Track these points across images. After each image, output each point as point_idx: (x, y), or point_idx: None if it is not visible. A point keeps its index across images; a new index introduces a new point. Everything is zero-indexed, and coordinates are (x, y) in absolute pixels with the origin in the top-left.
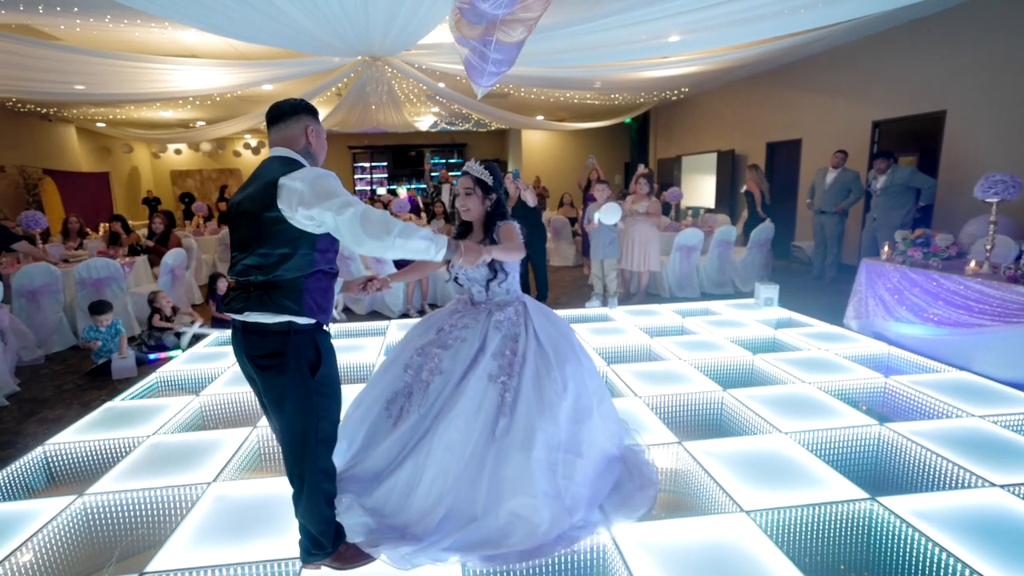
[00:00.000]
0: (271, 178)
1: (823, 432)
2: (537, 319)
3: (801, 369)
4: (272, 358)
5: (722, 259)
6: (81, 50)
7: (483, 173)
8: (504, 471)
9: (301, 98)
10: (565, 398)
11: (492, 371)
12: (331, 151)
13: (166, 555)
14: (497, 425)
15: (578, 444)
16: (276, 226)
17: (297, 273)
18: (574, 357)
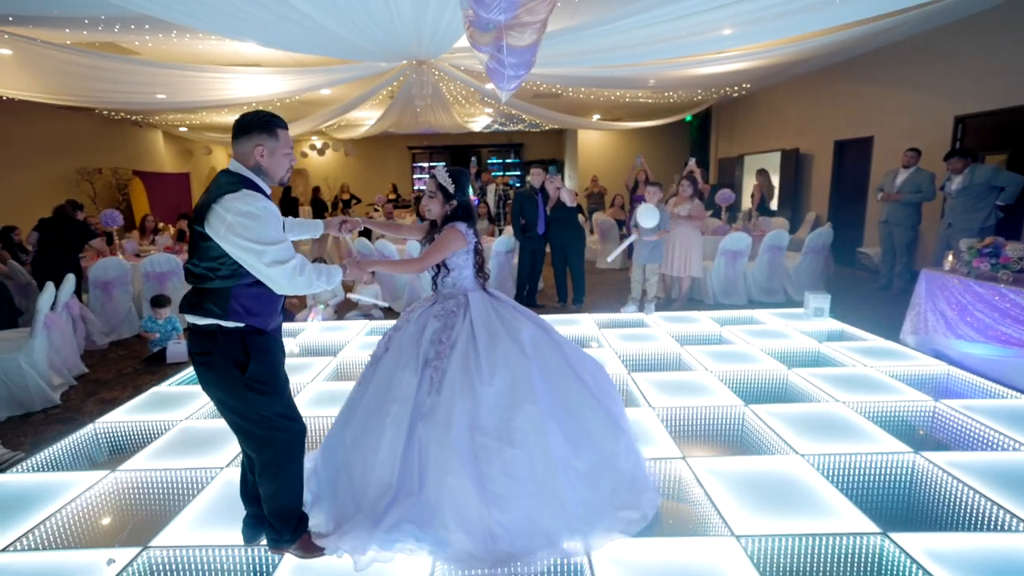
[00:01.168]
0: (212, 196)
1: (845, 457)
2: (477, 310)
3: (839, 387)
4: (203, 356)
5: (772, 265)
6: (158, 63)
7: (446, 180)
8: (429, 447)
9: (264, 112)
10: (492, 383)
11: (429, 356)
12: (391, 151)
13: (170, 532)
14: (426, 403)
15: (510, 433)
16: (203, 241)
17: (224, 283)
18: (514, 345)
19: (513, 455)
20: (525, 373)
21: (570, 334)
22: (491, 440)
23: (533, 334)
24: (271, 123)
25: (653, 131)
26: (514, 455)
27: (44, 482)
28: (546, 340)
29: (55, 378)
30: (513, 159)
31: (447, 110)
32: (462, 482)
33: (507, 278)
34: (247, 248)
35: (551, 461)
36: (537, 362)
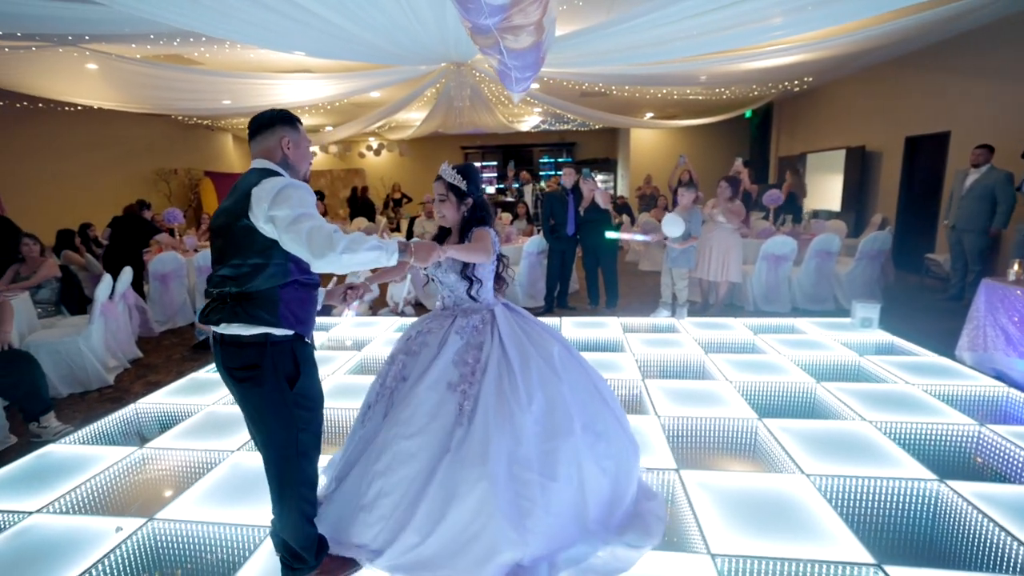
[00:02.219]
0: (246, 189)
1: (855, 480)
2: (505, 327)
3: (871, 405)
4: (248, 370)
5: (820, 271)
6: (219, 72)
7: (455, 178)
8: (457, 485)
9: (282, 109)
10: (530, 410)
11: (452, 379)
12: (444, 151)
13: (176, 506)
14: (453, 436)
15: (552, 465)
16: (248, 236)
17: (271, 283)
18: (546, 366)
19: (556, 489)
20: (560, 396)
21: (596, 337)
22: (533, 475)
23: (560, 352)
24: (291, 117)
25: (710, 129)
26: (557, 489)
27: (82, 454)
28: (571, 359)
29: (111, 360)
30: (565, 158)
31: (490, 111)
32: (499, 525)
33: (538, 279)
34: (292, 216)
35: (584, 490)
36: (568, 384)
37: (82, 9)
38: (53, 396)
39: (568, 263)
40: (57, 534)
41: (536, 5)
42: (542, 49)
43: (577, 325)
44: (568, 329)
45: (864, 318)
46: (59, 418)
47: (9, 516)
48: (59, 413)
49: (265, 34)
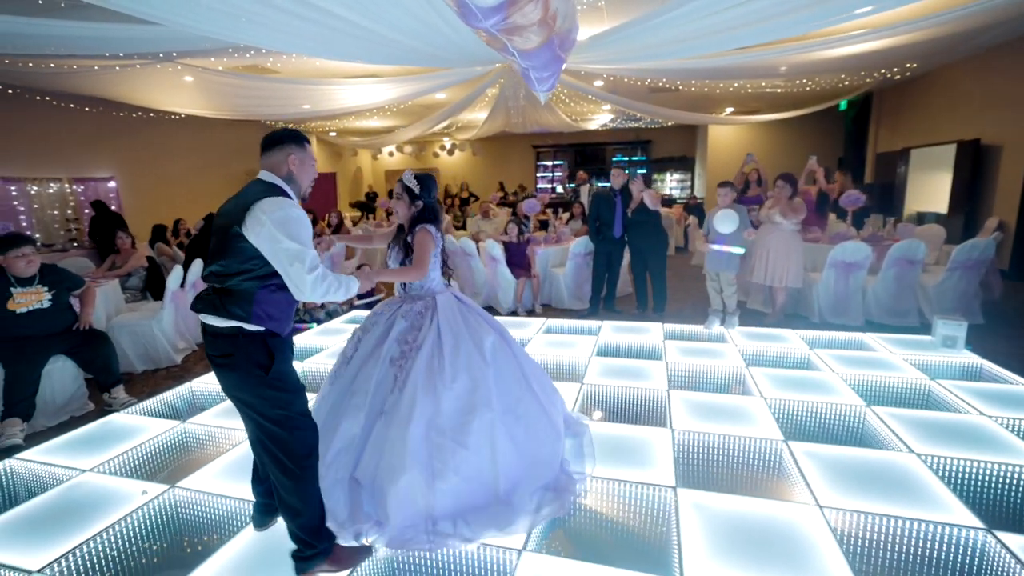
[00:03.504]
0: (249, 199)
1: (880, 519)
2: (445, 313)
3: (925, 435)
4: (224, 357)
5: (901, 282)
6: (294, 80)
7: (412, 182)
8: (386, 443)
9: (293, 128)
10: (452, 387)
11: (394, 355)
12: (516, 150)
13: (196, 476)
14: (387, 400)
15: (465, 435)
16: (237, 243)
17: (250, 286)
18: (476, 352)
19: (465, 456)
20: (484, 379)
21: (633, 343)
22: (447, 440)
23: (494, 342)
24: (301, 136)
25: (798, 123)
26: (466, 456)
27: (136, 424)
28: (505, 348)
29: (180, 342)
30: (639, 157)
31: (550, 109)
32: (413, 478)
33: (585, 280)
34: (286, 250)
35: (495, 461)
36: (495, 369)
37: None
38: (130, 371)
39: (615, 265)
40: (99, 491)
41: (534, 5)
42: (555, 48)
43: (617, 330)
44: (607, 334)
45: (946, 337)
46: (129, 391)
47: (69, 471)
48: (131, 387)
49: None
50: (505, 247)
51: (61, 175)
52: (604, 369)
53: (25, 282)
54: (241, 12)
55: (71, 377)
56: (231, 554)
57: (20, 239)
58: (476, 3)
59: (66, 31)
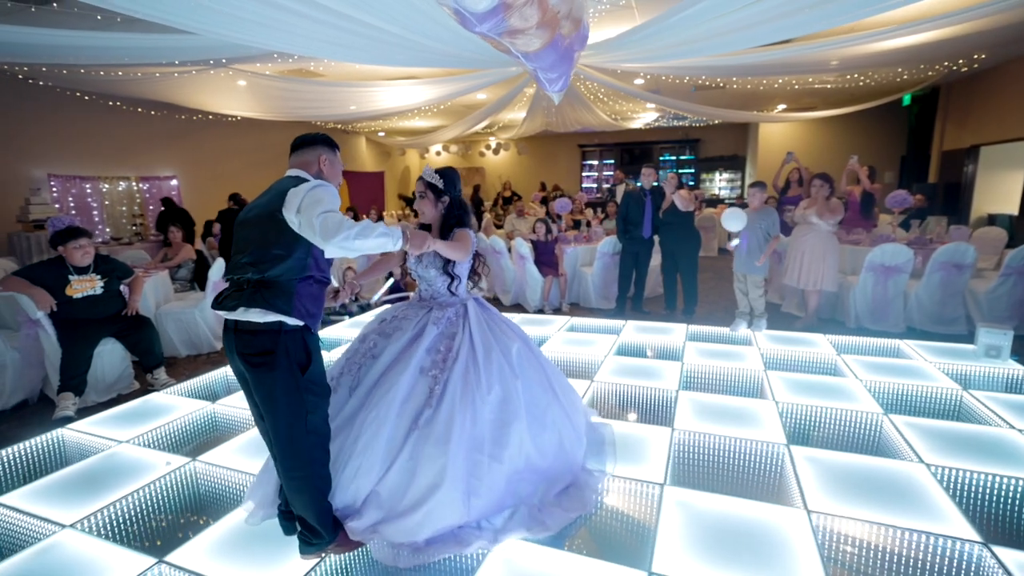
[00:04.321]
0: (284, 187)
1: (870, 527)
2: (475, 322)
3: (941, 446)
4: (262, 356)
5: (947, 287)
6: (338, 83)
7: (434, 177)
8: (420, 459)
9: (323, 133)
10: (488, 399)
11: (425, 365)
12: (562, 149)
13: (215, 452)
14: (422, 415)
15: (501, 449)
16: (277, 227)
17: (290, 276)
18: (505, 362)
19: (499, 470)
20: (515, 390)
21: (655, 343)
22: (484, 457)
23: (520, 349)
24: (332, 141)
25: (856, 119)
26: (500, 469)
27: (172, 403)
28: (530, 356)
29: (220, 330)
30: (688, 156)
31: (588, 108)
32: (452, 497)
33: (613, 281)
34: (310, 207)
35: (526, 471)
36: (523, 379)
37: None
38: (174, 356)
39: (643, 265)
40: (130, 461)
41: (531, 7)
42: (561, 49)
43: (639, 330)
44: (628, 333)
45: (990, 346)
46: (171, 374)
47: (108, 442)
48: (174, 370)
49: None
50: (533, 246)
51: (129, 174)
52: (618, 368)
53: (81, 270)
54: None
55: (119, 358)
56: (236, 521)
57: (78, 232)
58: (467, 9)
59: (121, 42)
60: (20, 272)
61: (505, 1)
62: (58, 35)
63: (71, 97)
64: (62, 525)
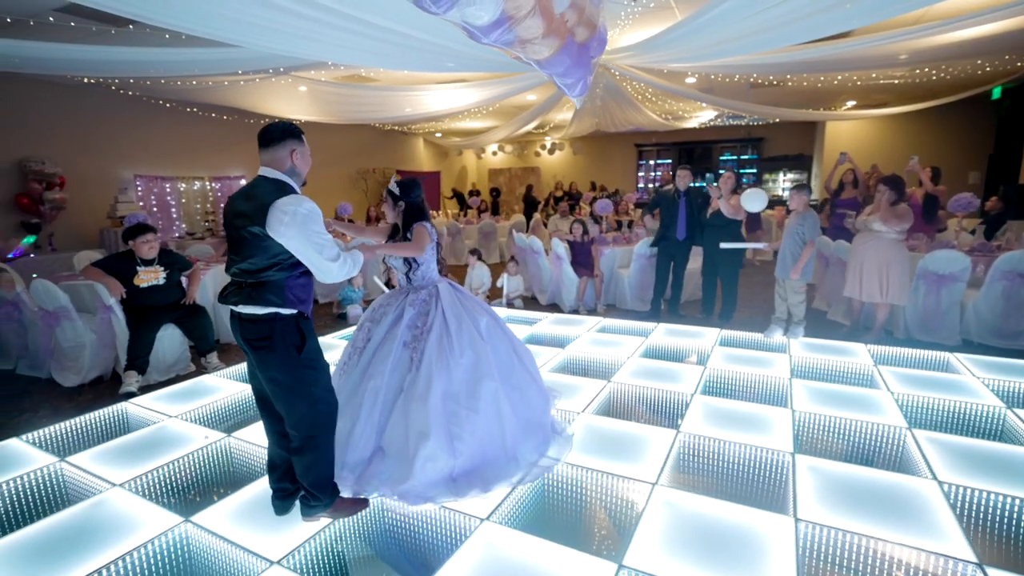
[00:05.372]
0: (264, 201)
1: (855, 538)
2: (447, 299)
3: (961, 464)
4: (262, 340)
5: (1011, 298)
6: (390, 87)
7: (392, 186)
8: (409, 416)
9: (289, 122)
10: (461, 361)
11: (407, 339)
12: (618, 149)
13: (249, 430)
14: (406, 380)
15: (476, 401)
16: (261, 242)
17: (280, 276)
18: (474, 331)
19: (476, 419)
20: (484, 353)
21: (683, 347)
22: (461, 407)
23: (488, 322)
24: (298, 130)
25: (937, 115)
26: (477, 419)
27: (219, 385)
28: (497, 328)
29: None
30: (751, 155)
31: (636, 108)
32: (438, 442)
33: (648, 283)
34: (309, 244)
35: (502, 423)
36: (491, 345)
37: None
38: (228, 343)
39: (679, 267)
40: (175, 433)
41: (534, 19)
42: (573, 56)
43: (670, 333)
44: (658, 336)
45: None
46: (223, 359)
47: (160, 416)
48: (226, 355)
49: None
50: (570, 246)
51: (203, 174)
52: (639, 369)
53: (147, 262)
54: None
55: (178, 343)
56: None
57: (145, 228)
58: (470, 23)
59: (186, 56)
60: (97, 263)
61: (507, 14)
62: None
63: (154, 105)
64: (113, 484)
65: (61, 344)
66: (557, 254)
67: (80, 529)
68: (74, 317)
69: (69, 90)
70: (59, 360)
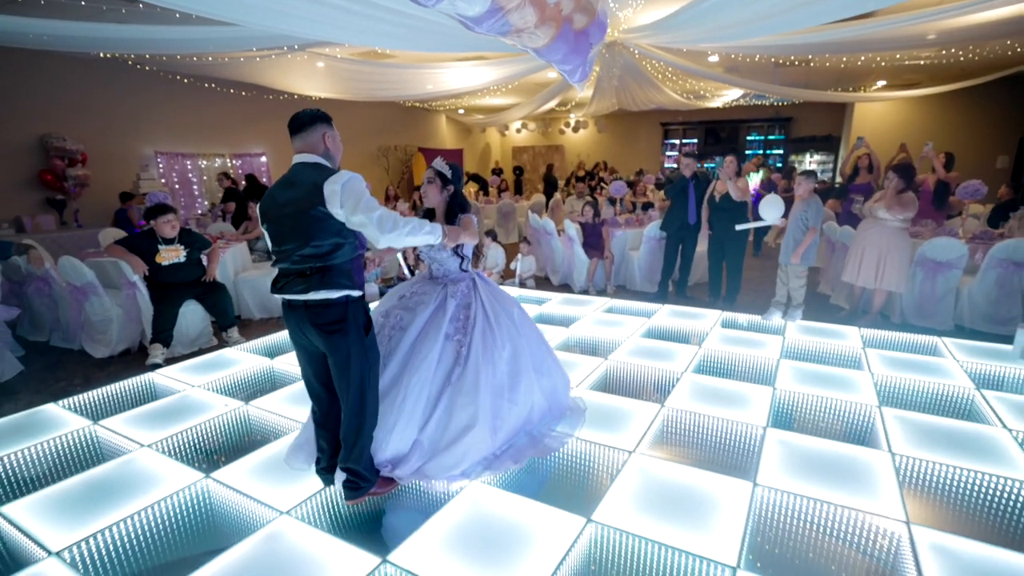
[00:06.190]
0: (313, 182)
1: (802, 500)
2: (484, 293)
3: (919, 441)
4: (337, 323)
5: (1004, 286)
6: (409, 65)
7: (443, 167)
8: (454, 411)
9: (318, 108)
10: (503, 354)
11: (449, 332)
12: (643, 127)
13: (267, 399)
14: (453, 373)
15: (515, 393)
16: (324, 222)
17: (347, 258)
18: (511, 323)
19: (514, 410)
20: (520, 346)
21: (683, 328)
22: (504, 401)
23: (519, 313)
24: (327, 115)
25: (969, 96)
26: (514, 410)
27: (238, 358)
28: (525, 318)
29: None
30: (778, 135)
31: (656, 87)
32: (482, 434)
33: (658, 266)
34: (357, 202)
35: (532, 409)
36: (525, 336)
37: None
38: (249, 318)
39: (688, 251)
40: (197, 402)
41: (526, 8)
42: (571, 43)
43: (672, 314)
44: (661, 317)
45: None
46: (244, 334)
47: (184, 386)
48: (247, 330)
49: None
50: (581, 228)
51: (224, 151)
52: (637, 349)
53: (168, 241)
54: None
55: (200, 318)
56: (271, 454)
57: (166, 208)
58: (461, 14)
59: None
60: (120, 241)
61: (498, 4)
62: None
63: (173, 81)
64: (141, 444)
65: (91, 318)
66: (569, 235)
67: (113, 483)
68: (101, 292)
69: (87, 66)
70: (89, 333)
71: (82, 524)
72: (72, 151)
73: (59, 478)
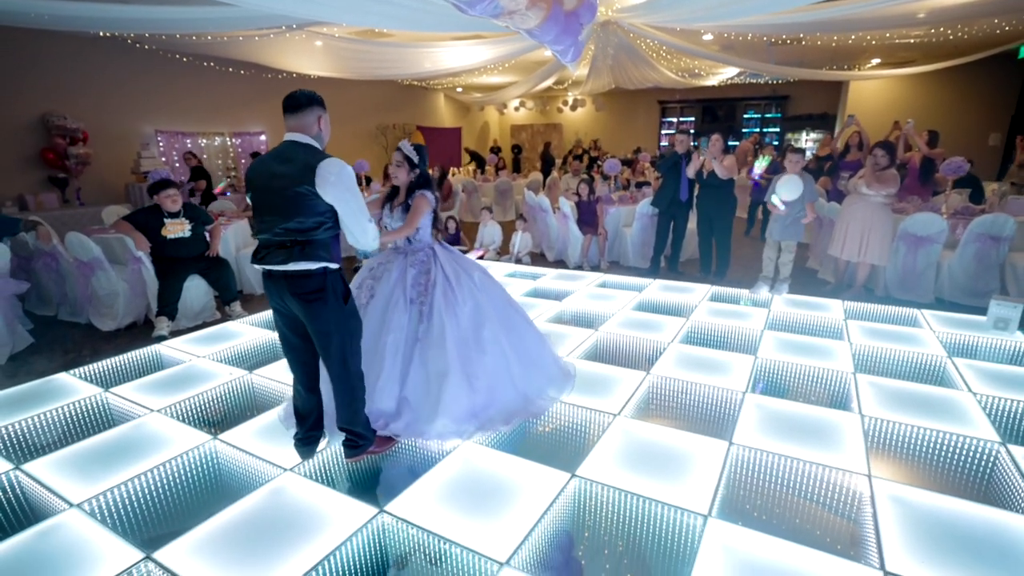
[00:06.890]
0: (306, 162)
1: (768, 456)
2: (444, 258)
3: (888, 403)
4: (316, 293)
5: (983, 260)
6: (405, 44)
7: (411, 151)
8: (428, 361)
9: (314, 91)
10: (464, 309)
11: (412, 296)
12: (641, 105)
13: (270, 368)
14: (419, 329)
15: (482, 343)
16: (311, 200)
17: (327, 234)
18: (471, 283)
19: (485, 360)
20: (482, 302)
21: (672, 301)
22: (471, 350)
23: (480, 276)
24: (322, 99)
25: (962, 73)
26: (485, 360)
27: (242, 331)
28: (488, 280)
29: None
30: (774, 113)
31: (650, 66)
32: (458, 381)
33: (650, 241)
34: (351, 201)
35: (507, 362)
36: (486, 295)
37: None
38: (252, 293)
39: (680, 228)
40: (203, 371)
41: None
42: (561, 23)
43: (663, 288)
44: (652, 291)
45: (999, 319)
46: (245, 307)
47: (189, 356)
48: (250, 304)
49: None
50: (576, 205)
51: (224, 130)
52: (627, 321)
53: (173, 215)
54: None
55: (203, 292)
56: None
57: (169, 183)
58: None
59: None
60: (127, 217)
61: None
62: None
63: (173, 60)
64: (151, 410)
65: (97, 292)
66: (564, 212)
67: (125, 444)
68: (107, 267)
69: (88, 45)
70: (96, 307)
71: (99, 480)
72: (73, 130)
73: (75, 439)
